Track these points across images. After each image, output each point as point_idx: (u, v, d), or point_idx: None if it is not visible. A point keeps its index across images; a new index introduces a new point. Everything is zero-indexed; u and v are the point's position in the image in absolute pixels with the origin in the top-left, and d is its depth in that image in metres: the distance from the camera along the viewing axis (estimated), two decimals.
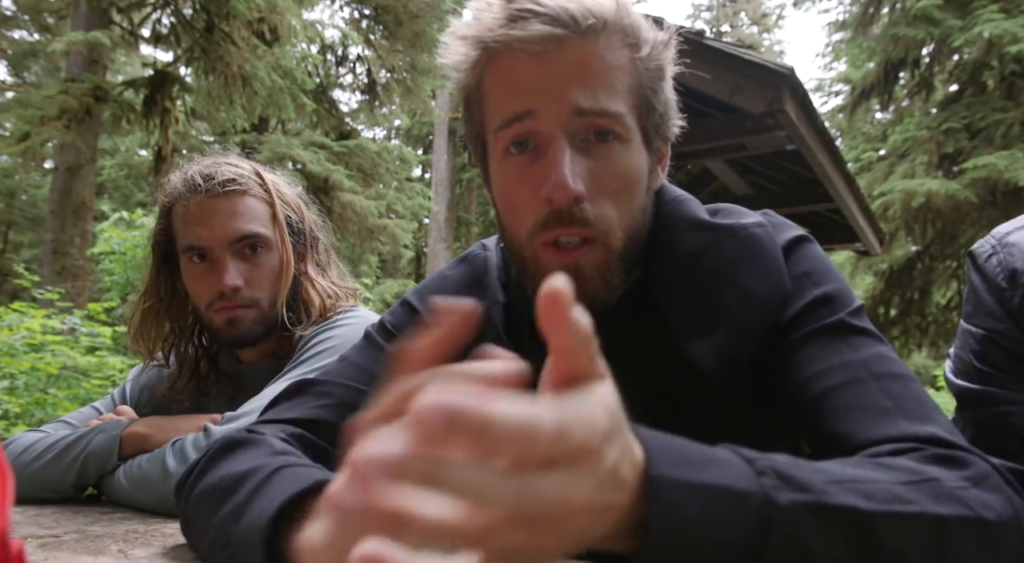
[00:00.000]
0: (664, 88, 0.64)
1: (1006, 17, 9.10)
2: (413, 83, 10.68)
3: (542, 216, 0.59)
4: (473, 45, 0.62)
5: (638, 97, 0.62)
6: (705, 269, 0.63)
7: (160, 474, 0.83)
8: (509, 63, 0.60)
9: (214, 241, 1.01)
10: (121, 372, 3.96)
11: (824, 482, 0.41)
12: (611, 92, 0.60)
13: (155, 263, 1.09)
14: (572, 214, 0.58)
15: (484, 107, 0.64)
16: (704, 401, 0.63)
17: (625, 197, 0.61)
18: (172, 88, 7.17)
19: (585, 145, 0.60)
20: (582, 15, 0.58)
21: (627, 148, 0.61)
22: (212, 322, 1.03)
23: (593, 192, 0.59)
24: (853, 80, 12.59)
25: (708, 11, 28.34)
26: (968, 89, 10.64)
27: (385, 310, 0.82)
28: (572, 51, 0.58)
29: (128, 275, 5.08)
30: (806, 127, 4.08)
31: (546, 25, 0.57)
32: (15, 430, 3.11)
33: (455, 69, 0.65)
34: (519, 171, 0.61)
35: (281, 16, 7.12)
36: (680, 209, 0.67)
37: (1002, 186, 9.30)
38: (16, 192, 15.46)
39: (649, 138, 0.64)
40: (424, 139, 18.78)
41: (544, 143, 0.60)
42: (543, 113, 0.59)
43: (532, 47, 0.58)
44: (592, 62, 0.59)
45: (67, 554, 0.60)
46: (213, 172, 1.03)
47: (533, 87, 0.59)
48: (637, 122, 0.62)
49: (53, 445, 0.93)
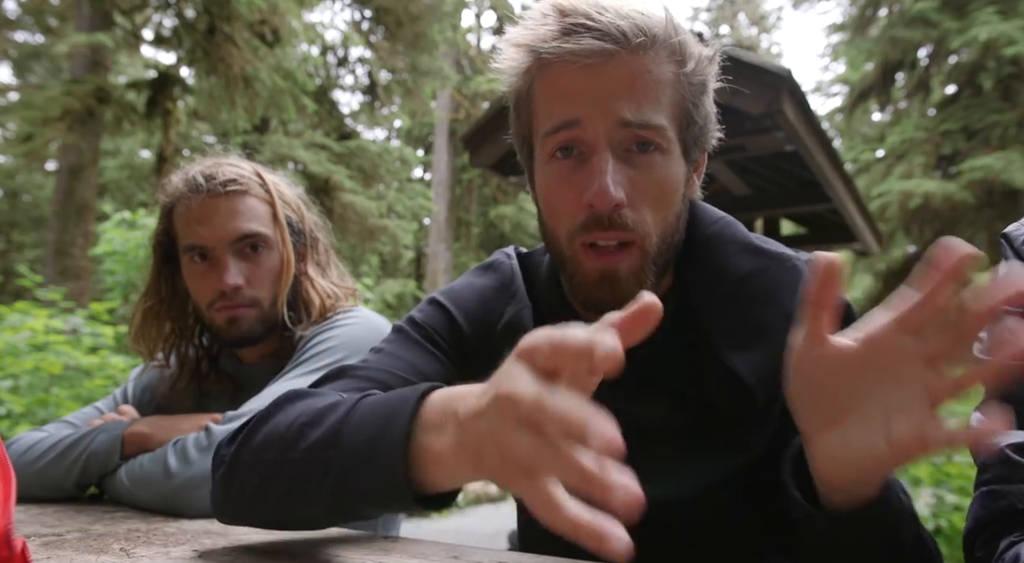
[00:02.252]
0: (705, 102, 0.67)
1: (1003, 19, 9.10)
2: (414, 84, 10.68)
3: (582, 219, 0.63)
4: (527, 53, 0.65)
5: (680, 110, 0.65)
6: (752, 289, 0.66)
7: (162, 473, 0.83)
8: (560, 73, 0.63)
9: (215, 240, 1.01)
10: (123, 372, 3.97)
11: (916, 519, 0.56)
12: (655, 105, 0.63)
13: (156, 263, 1.10)
14: (612, 219, 0.62)
15: (533, 111, 0.67)
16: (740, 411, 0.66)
17: (662, 205, 0.64)
18: (174, 89, 7.18)
19: (627, 154, 0.63)
20: (632, 32, 0.61)
21: (667, 159, 0.64)
22: (213, 321, 1.04)
23: (632, 199, 0.62)
24: (851, 81, 12.59)
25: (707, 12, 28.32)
26: (965, 91, 10.64)
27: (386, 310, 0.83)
28: (621, 65, 0.61)
29: (130, 275, 5.08)
30: (804, 128, 4.09)
31: (597, 40, 0.60)
32: (18, 429, 3.12)
33: (508, 73, 0.68)
34: (563, 175, 0.64)
35: (282, 17, 7.13)
36: (729, 230, 0.71)
37: (999, 187, 9.29)
38: (19, 193, 15.46)
39: (688, 149, 0.67)
40: (424, 140, 18.77)
41: (588, 151, 0.63)
42: (589, 123, 0.62)
43: (583, 60, 0.61)
44: (639, 77, 0.62)
45: (69, 553, 0.60)
46: (214, 172, 1.04)
47: (582, 98, 0.62)
48: (678, 134, 0.65)
49: (55, 445, 0.94)
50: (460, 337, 0.74)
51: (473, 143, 4.82)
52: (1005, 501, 0.60)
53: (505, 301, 0.74)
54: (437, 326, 0.74)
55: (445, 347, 0.73)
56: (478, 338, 0.73)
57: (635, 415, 0.63)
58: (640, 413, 0.65)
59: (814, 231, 6.57)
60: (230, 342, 1.06)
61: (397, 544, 0.64)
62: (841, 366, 0.46)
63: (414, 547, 0.63)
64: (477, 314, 0.74)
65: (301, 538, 0.66)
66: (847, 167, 5.50)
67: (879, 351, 0.44)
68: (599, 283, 0.64)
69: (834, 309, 0.46)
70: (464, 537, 5.43)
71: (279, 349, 1.09)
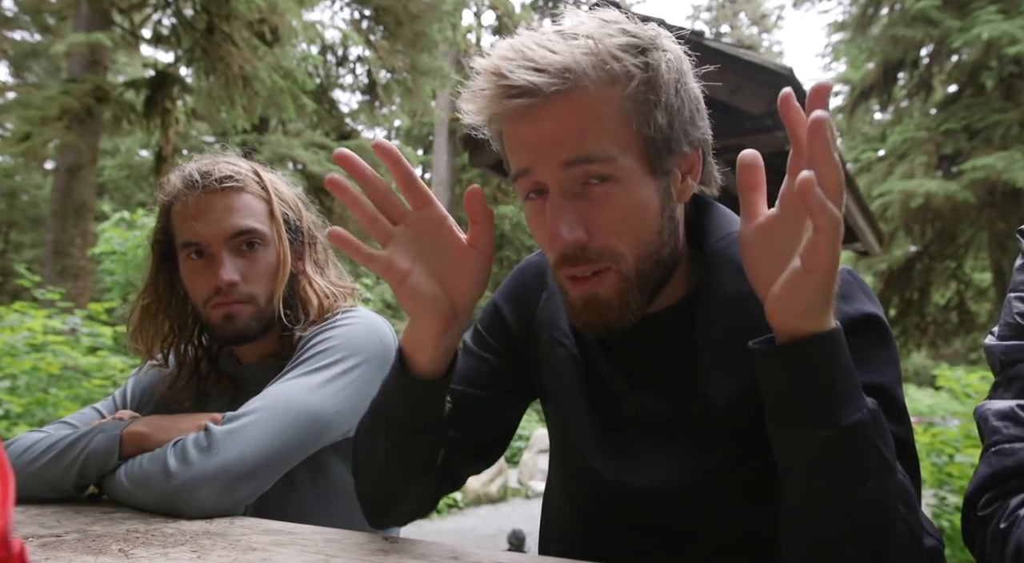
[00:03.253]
0: (657, 115, 0.64)
1: (1005, 18, 9.10)
2: (413, 83, 10.68)
3: (556, 256, 0.67)
4: (479, 113, 0.68)
5: (629, 131, 0.64)
6: (739, 314, 0.67)
7: (161, 474, 0.83)
8: (507, 126, 0.67)
9: (211, 236, 1.01)
10: (122, 372, 3.96)
11: (893, 455, 0.57)
12: (596, 138, 0.63)
13: (155, 262, 1.09)
14: (576, 255, 0.65)
15: (505, 156, 0.71)
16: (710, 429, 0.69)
17: (631, 228, 0.65)
18: (173, 89, 7.17)
19: (584, 189, 0.64)
20: (547, 83, 0.61)
21: (624, 185, 0.64)
22: (209, 318, 1.04)
23: (595, 231, 0.64)
24: (852, 81, 12.59)
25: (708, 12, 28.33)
26: (967, 90, 10.64)
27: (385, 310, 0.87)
28: (549, 112, 0.63)
29: (129, 275, 5.08)
30: None
31: (517, 98, 0.62)
32: (16, 430, 3.12)
33: (477, 128, 0.71)
34: (536, 214, 0.68)
35: (282, 17, 7.13)
36: (730, 250, 0.70)
37: (1000, 187, 9.29)
38: (17, 192, 15.47)
39: (654, 164, 0.66)
40: (424, 139, 18.78)
41: (547, 192, 0.66)
42: (537, 170, 0.65)
43: (516, 114, 0.64)
44: (571, 117, 0.62)
45: (68, 554, 0.60)
46: (210, 169, 1.04)
47: (527, 148, 0.65)
48: (633, 156, 0.64)
49: (53, 445, 0.93)
50: (507, 332, 0.84)
51: (473, 143, 4.82)
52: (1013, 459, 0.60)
53: (540, 287, 0.83)
54: (491, 328, 0.86)
55: (496, 347, 0.84)
56: (521, 327, 0.83)
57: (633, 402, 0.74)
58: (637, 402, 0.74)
59: None
60: (226, 339, 1.05)
61: (397, 544, 0.64)
62: (770, 230, 0.59)
63: (414, 547, 0.63)
64: (519, 303, 0.84)
65: (301, 539, 0.65)
66: (848, 166, 5.50)
67: (787, 212, 0.58)
68: (584, 308, 0.67)
69: (762, 189, 0.61)
70: (464, 537, 5.43)
71: (279, 349, 1.08)
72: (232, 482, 0.82)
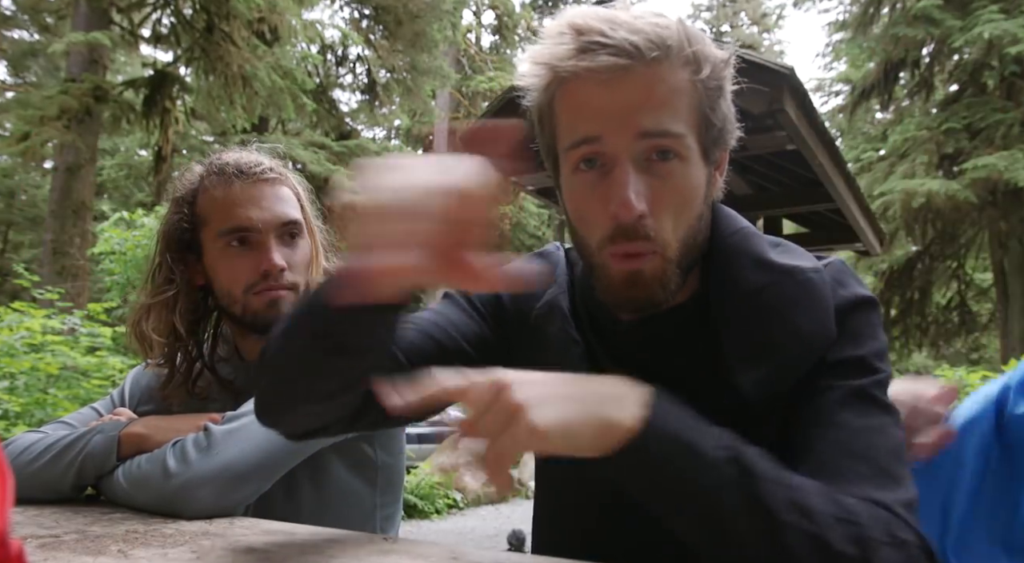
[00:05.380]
0: (722, 104, 0.68)
1: (1006, 18, 9.10)
2: (413, 83, 10.69)
3: (609, 230, 0.65)
4: (545, 70, 0.67)
5: (698, 115, 0.66)
6: (762, 305, 0.68)
7: (160, 474, 0.82)
8: (578, 89, 0.65)
9: (262, 222, 1.02)
10: (121, 372, 3.96)
11: (768, 478, 0.53)
12: (673, 114, 0.64)
13: (171, 255, 1.07)
14: (635, 229, 0.64)
15: (555, 126, 0.70)
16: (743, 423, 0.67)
17: (684, 210, 0.66)
18: (172, 88, 7.17)
19: (648, 164, 0.65)
20: (647, 46, 0.62)
21: (686, 165, 0.66)
22: (249, 305, 1.02)
23: (655, 208, 0.65)
24: (853, 80, 12.60)
25: (708, 11, 28.35)
26: (968, 89, 10.64)
27: None
28: (637, 79, 0.63)
29: (128, 275, 5.08)
30: (806, 127, 4.08)
31: (612, 56, 0.62)
32: (15, 430, 3.12)
33: (529, 89, 0.70)
34: (588, 187, 0.66)
35: (281, 16, 7.13)
36: (745, 244, 0.72)
37: (1002, 186, 9.29)
38: (16, 192, 15.47)
39: (708, 152, 0.68)
40: (424, 139, 18.79)
41: (610, 163, 0.65)
42: (609, 137, 0.64)
43: (599, 76, 0.63)
44: (655, 87, 0.63)
45: (67, 554, 0.60)
46: (252, 161, 1.06)
47: (600, 113, 0.64)
48: (696, 139, 0.66)
49: (51, 445, 0.93)
50: (500, 307, 0.80)
51: None
52: None
53: (547, 285, 0.80)
54: (484, 299, 0.81)
55: (484, 312, 0.80)
56: (518, 311, 0.80)
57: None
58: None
59: (816, 231, 6.57)
60: (265, 327, 1.04)
61: (397, 545, 0.63)
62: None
63: (414, 547, 0.62)
64: (520, 294, 0.80)
65: (300, 539, 0.65)
66: (849, 166, 5.49)
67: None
68: (626, 285, 0.67)
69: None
70: (464, 537, 5.43)
71: None
72: (232, 482, 0.81)
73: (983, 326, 12.84)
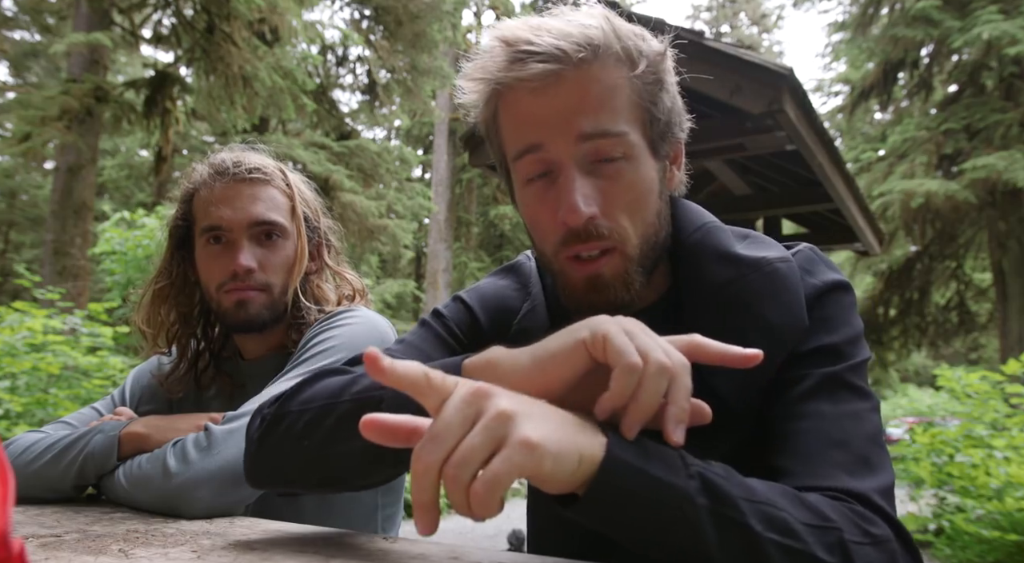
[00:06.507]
0: (663, 98, 0.68)
1: (1005, 18, 9.09)
2: (413, 83, 10.69)
3: (562, 235, 0.65)
4: (483, 85, 0.68)
5: (640, 111, 0.66)
6: (730, 301, 0.67)
7: (161, 474, 0.83)
8: (516, 100, 0.65)
9: (233, 222, 1.03)
10: (122, 372, 3.96)
11: (740, 497, 0.49)
12: (611, 113, 0.64)
13: (170, 248, 1.12)
14: (588, 231, 0.64)
15: (501, 138, 0.70)
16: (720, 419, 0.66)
17: (637, 208, 0.66)
18: (173, 88, 7.17)
19: (594, 166, 0.65)
20: (574, 49, 0.62)
21: (634, 164, 0.66)
22: (221, 304, 1.05)
23: (606, 208, 0.64)
24: (852, 80, 12.60)
25: (708, 11, 28.34)
26: (967, 90, 10.64)
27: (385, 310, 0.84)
28: (569, 83, 0.63)
29: (129, 275, 5.08)
30: (806, 127, 4.08)
31: (541, 63, 0.62)
32: (16, 430, 3.12)
33: (471, 106, 0.71)
34: (538, 196, 0.67)
35: (282, 16, 7.13)
36: (710, 238, 0.71)
37: (1001, 187, 9.29)
38: (17, 192, 15.46)
39: (656, 147, 0.68)
40: (424, 139, 18.78)
41: (556, 170, 0.65)
42: (551, 144, 0.64)
43: (532, 84, 0.63)
44: (589, 89, 0.63)
45: (68, 554, 0.60)
46: (241, 159, 1.07)
47: (539, 121, 0.64)
48: (641, 135, 0.66)
49: (52, 445, 0.93)
50: (478, 333, 0.78)
51: (473, 142, 4.82)
52: None
53: (523, 299, 0.78)
54: (459, 322, 0.79)
55: (465, 341, 0.78)
56: (496, 333, 0.77)
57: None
58: None
59: (815, 231, 6.57)
60: (237, 326, 1.06)
61: (397, 544, 0.64)
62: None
63: (414, 547, 0.62)
64: (497, 312, 0.79)
65: (300, 539, 0.65)
66: (848, 166, 5.49)
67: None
68: (586, 289, 0.66)
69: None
70: (464, 537, 5.43)
71: (286, 343, 1.09)
72: (232, 482, 0.82)
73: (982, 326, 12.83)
